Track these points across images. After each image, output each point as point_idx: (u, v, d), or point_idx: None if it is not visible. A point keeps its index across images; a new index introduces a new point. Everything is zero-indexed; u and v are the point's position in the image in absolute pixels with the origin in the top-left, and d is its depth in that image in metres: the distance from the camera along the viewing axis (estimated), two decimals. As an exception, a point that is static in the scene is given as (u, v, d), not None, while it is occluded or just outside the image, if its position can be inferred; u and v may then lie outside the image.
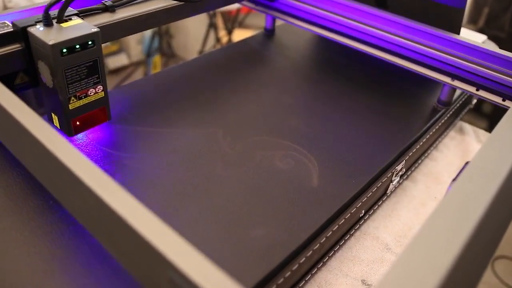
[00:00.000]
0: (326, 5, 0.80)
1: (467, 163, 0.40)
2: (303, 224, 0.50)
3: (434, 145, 0.76)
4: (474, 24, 2.15)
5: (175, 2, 0.68)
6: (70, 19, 0.54)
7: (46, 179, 0.43)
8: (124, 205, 0.32)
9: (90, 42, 0.52)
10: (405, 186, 0.68)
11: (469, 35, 0.84)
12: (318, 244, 0.50)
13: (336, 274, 0.53)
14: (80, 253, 0.43)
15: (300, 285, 0.50)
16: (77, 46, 0.51)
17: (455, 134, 0.82)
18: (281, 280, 0.45)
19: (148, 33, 2.50)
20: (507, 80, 0.63)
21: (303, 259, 0.48)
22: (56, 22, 0.53)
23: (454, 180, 0.38)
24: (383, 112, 0.72)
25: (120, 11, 0.64)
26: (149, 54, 2.51)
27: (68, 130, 0.56)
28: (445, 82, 0.70)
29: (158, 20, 0.68)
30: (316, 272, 0.52)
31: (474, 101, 0.88)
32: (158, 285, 0.32)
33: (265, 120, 0.68)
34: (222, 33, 2.46)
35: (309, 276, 0.51)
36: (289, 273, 0.46)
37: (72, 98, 0.54)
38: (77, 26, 0.53)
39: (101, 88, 0.57)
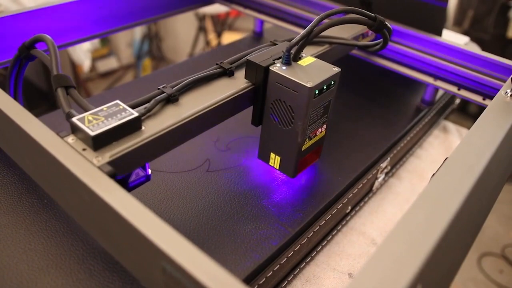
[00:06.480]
0: (314, 7, 0.82)
1: (446, 158, 0.42)
2: (291, 219, 0.52)
3: (419, 143, 0.78)
4: (459, 26, 2.19)
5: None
6: (302, 55, 0.52)
7: (41, 177, 0.44)
8: (119, 199, 0.33)
9: (333, 82, 0.50)
10: (391, 183, 0.70)
11: (452, 37, 0.87)
12: (305, 239, 0.51)
13: (324, 268, 0.55)
14: (74, 249, 0.45)
15: (289, 279, 0.51)
16: (324, 87, 0.49)
17: (439, 132, 0.84)
18: (270, 273, 0.47)
19: (138, 36, 2.50)
20: (487, 80, 0.65)
21: (291, 253, 0.49)
22: (292, 60, 0.51)
23: (433, 175, 0.40)
24: (369, 111, 0.74)
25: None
26: (139, 57, 2.51)
27: (293, 171, 0.54)
28: (428, 82, 0.72)
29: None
30: (304, 266, 0.54)
31: (458, 101, 0.91)
32: (151, 275, 0.33)
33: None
34: (212, 36, 2.48)
35: (297, 270, 0.52)
36: (277, 266, 0.48)
37: (306, 139, 0.52)
38: (316, 65, 0.50)
39: (325, 127, 0.55)
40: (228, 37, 2.36)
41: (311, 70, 0.49)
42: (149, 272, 0.33)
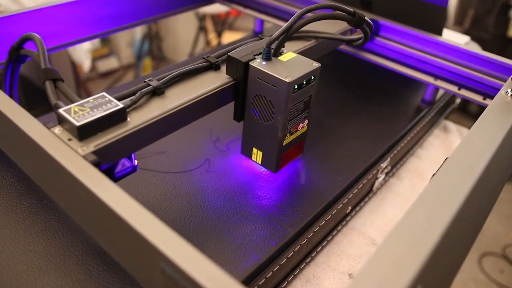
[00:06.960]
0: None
1: (447, 158, 0.42)
2: (291, 219, 0.51)
3: (419, 143, 0.78)
4: (459, 25, 2.19)
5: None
6: (283, 51, 0.53)
7: (35, 173, 0.44)
8: (118, 200, 0.33)
9: (313, 77, 0.50)
10: (391, 183, 0.70)
11: (452, 37, 0.86)
12: (305, 239, 0.51)
13: (324, 269, 0.54)
14: (74, 250, 0.44)
15: (289, 280, 0.51)
16: (304, 82, 0.49)
17: (440, 132, 0.84)
18: (270, 274, 0.47)
19: (138, 36, 2.50)
20: (488, 80, 0.65)
21: (291, 253, 0.49)
22: (272, 56, 0.51)
23: (434, 175, 0.40)
24: (369, 111, 0.74)
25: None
26: (139, 57, 2.51)
27: (275, 166, 0.55)
28: (429, 82, 0.72)
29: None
30: (304, 267, 0.54)
31: (458, 100, 0.91)
32: (150, 276, 0.33)
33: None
34: (212, 35, 2.48)
35: (297, 271, 0.52)
36: (277, 267, 0.47)
37: (287, 134, 0.52)
38: (296, 61, 0.51)
39: (307, 122, 0.55)
40: (228, 37, 2.36)
41: (291, 65, 0.50)
42: (148, 273, 0.33)
